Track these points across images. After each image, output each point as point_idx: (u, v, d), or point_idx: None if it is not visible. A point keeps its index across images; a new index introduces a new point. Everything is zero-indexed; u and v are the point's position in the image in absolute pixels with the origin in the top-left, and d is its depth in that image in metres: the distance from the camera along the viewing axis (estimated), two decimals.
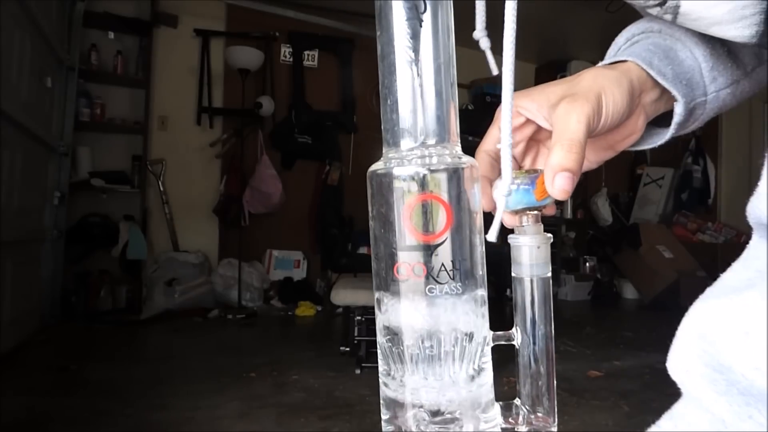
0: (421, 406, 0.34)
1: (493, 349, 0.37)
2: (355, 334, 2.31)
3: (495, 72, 0.41)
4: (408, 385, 0.34)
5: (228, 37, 3.98)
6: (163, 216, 3.74)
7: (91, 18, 3.38)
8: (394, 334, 0.35)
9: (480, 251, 0.36)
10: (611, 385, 2.12)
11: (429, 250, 0.33)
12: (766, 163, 0.29)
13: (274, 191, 3.84)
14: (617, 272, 4.93)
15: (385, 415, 0.36)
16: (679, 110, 0.42)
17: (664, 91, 0.42)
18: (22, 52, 2.31)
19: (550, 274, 0.36)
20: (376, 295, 0.36)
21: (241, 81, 3.75)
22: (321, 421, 1.66)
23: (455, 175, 0.34)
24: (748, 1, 0.35)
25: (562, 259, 4.87)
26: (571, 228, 5.36)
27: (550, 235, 0.36)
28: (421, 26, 0.34)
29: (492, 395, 0.36)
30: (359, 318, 2.26)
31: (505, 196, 0.36)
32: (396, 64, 0.34)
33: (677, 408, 0.33)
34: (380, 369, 0.36)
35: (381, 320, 0.36)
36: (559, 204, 5.59)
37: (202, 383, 1.99)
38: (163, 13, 3.77)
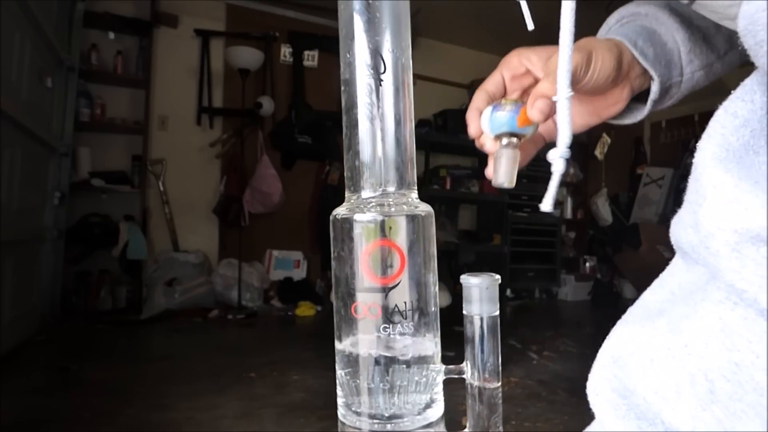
0: None
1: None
2: None
3: (531, 27, 0.44)
4: (364, 416, 0.36)
5: (228, 37, 3.98)
6: (163, 216, 3.74)
7: (91, 18, 3.38)
8: (351, 368, 0.37)
9: (432, 291, 0.38)
10: None
11: (384, 291, 0.36)
12: (687, 187, 0.32)
13: (274, 191, 3.84)
14: (617, 272, 4.93)
15: None
16: (654, 88, 0.47)
17: (646, 69, 0.46)
18: (22, 52, 2.31)
19: (497, 313, 0.38)
20: (336, 331, 0.38)
21: (241, 81, 3.75)
22: (321, 421, 1.66)
23: (411, 223, 0.36)
24: (763, 1, 0.37)
25: (562, 259, 4.86)
26: (571, 228, 5.36)
27: (498, 276, 0.39)
28: (381, 84, 0.36)
29: (442, 426, 0.38)
30: None
31: (562, 157, 0.37)
32: (358, 117, 0.37)
33: (590, 427, 0.36)
34: (339, 400, 0.38)
35: (339, 354, 0.38)
36: (558, 204, 5.56)
37: (202, 383, 1.99)
38: (163, 13, 3.78)
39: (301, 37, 4.23)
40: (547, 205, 0.39)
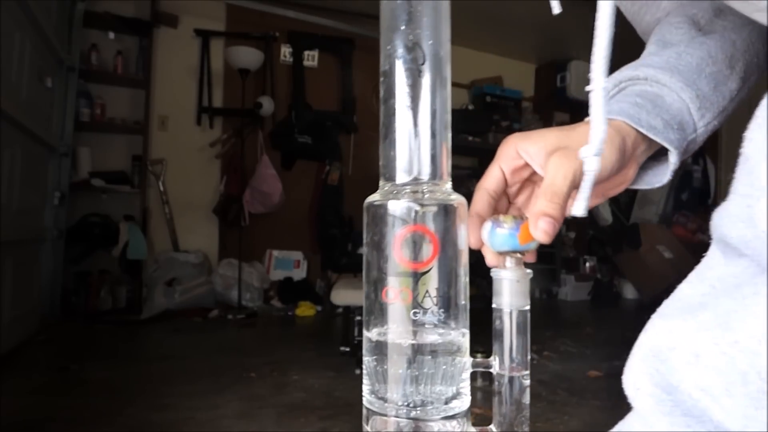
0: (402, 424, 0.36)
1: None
2: (355, 334, 2.31)
3: (556, 11, 0.41)
4: (389, 402, 0.37)
5: (228, 37, 3.98)
6: (163, 216, 3.74)
7: (91, 18, 3.38)
8: (379, 354, 0.37)
9: (464, 282, 0.38)
10: (611, 385, 2.12)
11: (416, 277, 0.36)
12: (734, 179, 0.31)
13: (274, 191, 3.84)
14: (617, 272, 4.93)
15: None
16: (673, 159, 0.44)
17: (655, 140, 0.43)
18: (22, 52, 2.31)
19: (528, 308, 0.38)
20: (365, 317, 0.39)
21: (241, 81, 3.75)
22: (321, 421, 1.66)
23: (444, 211, 0.37)
24: None
25: (562, 259, 4.86)
26: (571, 228, 5.36)
27: (530, 271, 0.39)
28: (420, 75, 0.37)
29: (467, 419, 0.38)
30: (359, 318, 2.26)
31: (595, 155, 0.36)
32: (396, 107, 0.37)
33: (627, 421, 0.35)
34: (364, 387, 0.38)
35: (367, 340, 0.38)
36: None
37: (202, 383, 1.99)
38: (163, 13, 3.77)
39: (301, 37, 4.23)
40: (580, 208, 0.38)
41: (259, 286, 3.71)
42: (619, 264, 4.85)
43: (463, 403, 0.38)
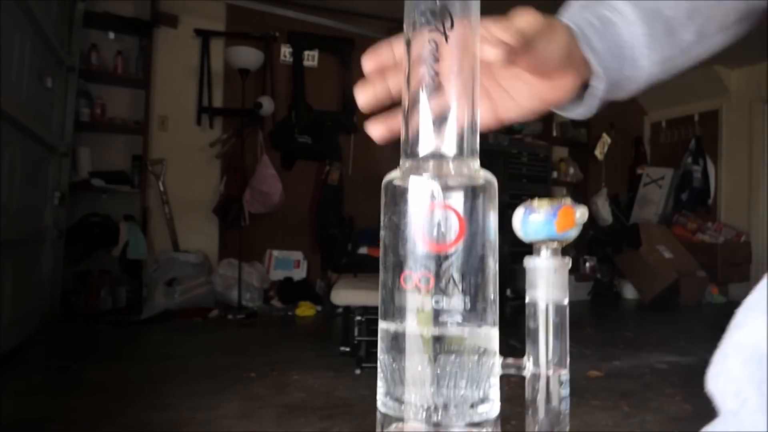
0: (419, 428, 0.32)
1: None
2: (355, 334, 2.31)
3: None
4: (408, 405, 0.33)
5: (228, 37, 3.98)
6: (163, 216, 3.74)
7: (92, 18, 3.38)
8: (396, 349, 0.33)
9: (493, 272, 0.34)
10: (611, 385, 2.12)
11: (438, 260, 0.32)
12: None
13: (274, 191, 3.84)
14: (617, 272, 4.93)
15: None
16: (601, 86, 0.43)
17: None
18: (22, 52, 2.31)
19: (567, 302, 0.34)
20: (381, 307, 0.35)
21: (241, 81, 3.75)
22: (321, 421, 1.66)
23: (471, 189, 0.34)
24: None
25: None
26: None
27: (568, 259, 0.34)
28: (447, 42, 0.34)
29: (497, 428, 0.34)
30: (359, 318, 2.26)
31: None
32: (420, 78, 0.35)
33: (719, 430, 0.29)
34: (379, 389, 0.34)
35: (383, 333, 0.34)
36: None
37: (202, 383, 1.99)
38: (163, 13, 3.77)
39: (301, 37, 4.23)
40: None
41: (259, 286, 3.71)
42: (619, 264, 4.85)
43: (492, 408, 0.33)
